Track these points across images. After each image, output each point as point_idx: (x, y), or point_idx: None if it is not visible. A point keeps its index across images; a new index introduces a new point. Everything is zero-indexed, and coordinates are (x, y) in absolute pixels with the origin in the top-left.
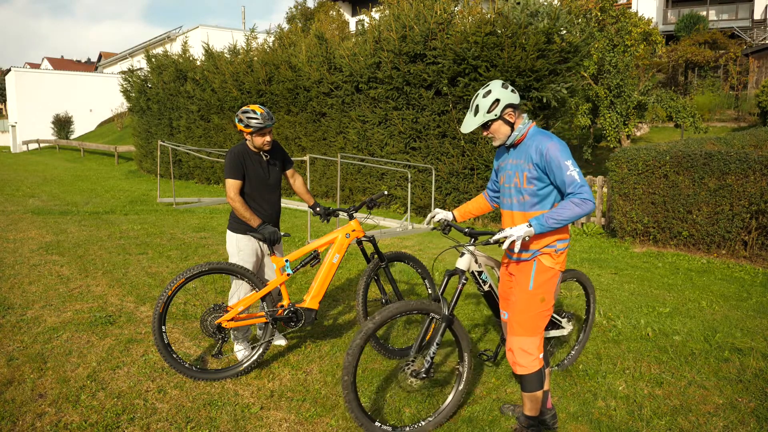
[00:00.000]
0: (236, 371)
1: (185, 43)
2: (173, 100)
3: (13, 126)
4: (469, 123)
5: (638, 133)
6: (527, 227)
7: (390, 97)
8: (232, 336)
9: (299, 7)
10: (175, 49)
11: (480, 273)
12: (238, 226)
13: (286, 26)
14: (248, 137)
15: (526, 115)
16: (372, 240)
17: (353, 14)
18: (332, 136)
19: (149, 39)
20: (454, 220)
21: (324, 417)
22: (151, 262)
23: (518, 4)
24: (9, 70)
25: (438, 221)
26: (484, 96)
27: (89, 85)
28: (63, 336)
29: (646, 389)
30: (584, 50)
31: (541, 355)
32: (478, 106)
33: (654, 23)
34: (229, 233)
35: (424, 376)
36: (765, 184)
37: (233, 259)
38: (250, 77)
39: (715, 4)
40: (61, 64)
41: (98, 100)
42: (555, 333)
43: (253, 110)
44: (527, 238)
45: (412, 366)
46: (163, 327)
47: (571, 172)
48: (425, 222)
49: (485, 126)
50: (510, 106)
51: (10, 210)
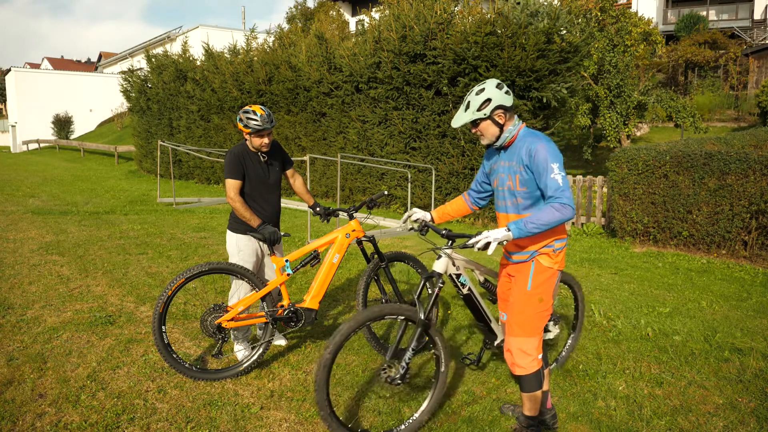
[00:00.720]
0: (236, 371)
1: (185, 43)
2: (173, 100)
3: (13, 126)
4: (459, 118)
5: (638, 133)
6: (506, 231)
7: (390, 97)
8: (232, 336)
9: (299, 7)
10: (175, 49)
11: (458, 276)
12: (238, 226)
13: (286, 26)
14: (247, 137)
15: (517, 117)
16: (372, 240)
17: (353, 14)
18: (332, 136)
19: (149, 39)
20: (432, 221)
21: None
22: (151, 262)
23: (518, 4)
24: (9, 70)
25: (415, 221)
26: (477, 93)
27: (89, 85)
28: (63, 336)
29: (646, 389)
30: (584, 50)
31: (540, 356)
32: (469, 102)
33: (654, 23)
34: (229, 233)
35: (399, 382)
36: (765, 184)
37: (233, 259)
38: (250, 77)
39: (715, 4)
40: (61, 64)
41: (98, 100)
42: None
43: (253, 111)
44: (504, 243)
45: (387, 372)
46: (163, 327)
47: (555, 175)
48: (401, 221)
49: (474, 123)
50: (501, 107)
51: (10, 210)
